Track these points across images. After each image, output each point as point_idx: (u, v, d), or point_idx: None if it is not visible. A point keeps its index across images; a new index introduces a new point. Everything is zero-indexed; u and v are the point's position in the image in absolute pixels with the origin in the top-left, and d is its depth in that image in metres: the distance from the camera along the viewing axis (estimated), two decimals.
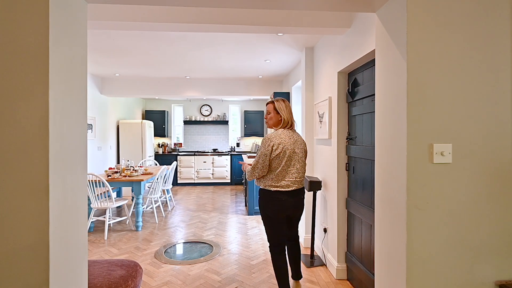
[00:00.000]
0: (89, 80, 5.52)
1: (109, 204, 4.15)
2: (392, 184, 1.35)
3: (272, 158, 2.27)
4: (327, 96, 3.12)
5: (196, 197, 6.81)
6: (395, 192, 1.33)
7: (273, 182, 2.29)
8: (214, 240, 4.00)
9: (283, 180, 2.28)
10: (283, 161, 2.26)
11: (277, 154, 2.25)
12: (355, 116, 2.71)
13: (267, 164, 2.28)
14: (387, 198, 1.40)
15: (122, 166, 4.91)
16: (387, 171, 1.40)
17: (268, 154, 2.26)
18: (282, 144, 2.26)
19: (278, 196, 2.28)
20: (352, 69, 2.76)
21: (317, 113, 3.51)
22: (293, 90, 5.14)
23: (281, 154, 2.26)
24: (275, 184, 2.28)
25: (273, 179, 2.29)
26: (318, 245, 3.46)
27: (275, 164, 2.27)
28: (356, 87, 2.66)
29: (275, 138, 2.28)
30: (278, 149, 2.25)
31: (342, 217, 2.91)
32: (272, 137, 2.29)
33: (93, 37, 3.47)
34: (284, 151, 2.26)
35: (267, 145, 2.26)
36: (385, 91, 1.42)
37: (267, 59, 4.42)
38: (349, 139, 2.82)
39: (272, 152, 2.25)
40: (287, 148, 2.27)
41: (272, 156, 2.26)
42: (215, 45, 3.75)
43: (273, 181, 2.29)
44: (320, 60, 3.45)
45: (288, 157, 2.27)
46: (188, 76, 5.71)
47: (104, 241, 3.97)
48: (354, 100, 2.70)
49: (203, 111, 9.05)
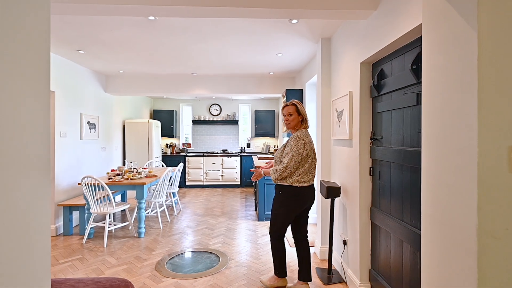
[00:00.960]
0: (92, 77, 5.29)
1: (109, 209, 3.88)
2: (453, 202, 0.99)
3: (303, 156, 2.45)
4: (347, 91, 2.75)
5: (204, 200, 6.51)
6: (457, 212, 0.97)
7: (299, 178, 2.46)
8: (221, 249, 3.67)
9: (306, 176, 2.49)
10: (309, 159, 2.49)
11: (307, 153, 2.46)
12: (381, 113, 2.34)
13: (299, 161, 2.45)
14: (443, 220, 1.04)
15: (125, 168, 4.65)
16: (443, 183, 1.03)
17: (301, 153, 2.44)
18: (309, 144, 2.49)
19: (303, 192, 2.48)
20: (378, 59, 2.39)
21: (335, 111, 3.14)
22: (307, 87, 4.77)
23: (309, 153, 2.48)
24: (301, 180, 2.46)
25: (299, 176, 2.46)
26: (337, 259, 3.09)
27: (304, 161, 2.47)
28: (383, 79, 2.29)
29: (306, 138, 2.48)
30: (307, 149, 2.46)
31: (365, 229, 2.54)
32: (303, 137, 2.48)
33: (91, 28, 3.20)
34: (311, 150, 2.49)
35: (300, 145, 2.44)
36: (440, 76, 1.05)
37: (279, 53, 4.07)
38: (374, 139, 2.44)
39: (304, 150, 2.44)
40: (312, 148, 2.51)
41: (303, 155, 2.45)
42: (222, 37, 3.43)
43: (299, 177, 2.46)
44: (339, 51, 3.08)
45: (312, 156, 2.51)
46: (195, 73, 5.42)
47: (103, 249, 3.70)
48: (380, 94, 2.33)
49: (212, 111, 8.77)
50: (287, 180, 2.46)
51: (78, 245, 3.86)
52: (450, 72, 1.00)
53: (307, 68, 4.66)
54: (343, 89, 2.91)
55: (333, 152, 3.28)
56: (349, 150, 2.76)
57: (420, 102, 1.78)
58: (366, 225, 2.53)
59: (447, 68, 1.02)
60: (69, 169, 4.57)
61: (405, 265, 1.99)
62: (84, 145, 4.99)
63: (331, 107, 3.28)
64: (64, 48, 3.92)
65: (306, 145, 2.44)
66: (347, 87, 2.82)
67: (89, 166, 5.15)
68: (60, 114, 4.35)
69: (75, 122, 4.75)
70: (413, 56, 1.83)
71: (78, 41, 3.60)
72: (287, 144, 2.53)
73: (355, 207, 2.63)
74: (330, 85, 3.36)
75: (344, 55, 2.91)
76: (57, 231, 4.27)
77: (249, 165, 7.95)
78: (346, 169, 2.86)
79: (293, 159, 2.41)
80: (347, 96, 2.74)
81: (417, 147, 1.84)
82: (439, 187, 1.05)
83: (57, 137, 4.29)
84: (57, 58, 4.27)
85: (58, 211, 4.33)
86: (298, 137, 2.46)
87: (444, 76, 1.03)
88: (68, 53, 4.13)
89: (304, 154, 2.43)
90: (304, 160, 2.45)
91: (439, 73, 1.06)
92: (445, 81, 1.02)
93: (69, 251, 3.66)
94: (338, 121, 3.01)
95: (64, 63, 4.44)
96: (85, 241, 3.92)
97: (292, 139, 2.47)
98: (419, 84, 1.79)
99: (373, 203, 2.50)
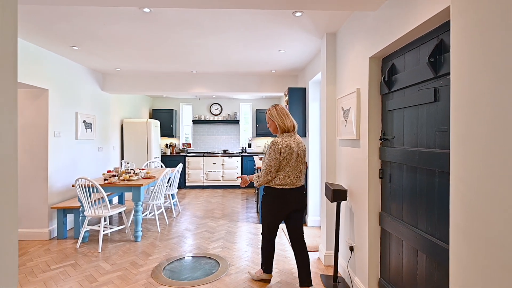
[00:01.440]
0: (89, 75, 5.14)
1: (104, 212, 3.72)
2: (494, 215, 0.82)
3: (281, 160, 2.46)
4: (354, 88, 2.59)
5: (205, 202, 6.35)
6: (500, 230, 0.80)
7: (280, 181, 2.48)
8: (221, 254, 3.51)
9: (289, 179, 2.48)
10: (290, 162, 2.47)
11: (285, 157, 2.45)
12: (392, 111, 2.17)
13: (278, 166, 2.47)
14: (479, 236, 0.88)
15: (122, 169, 4.49)
16: (479, 191, 0.87)
17: (278, 156, 2.45)
18: (288, 147, 2.46)
19: (284, 193, 2.49)
20: (388, 53, 2.22)
21: (340, 109, 2.98)
22: (310, 85, 4.61)
23: (288, 157, 2.46)
24: (281, 183, 2.48)
25: (280, 179, 2.48)
26: (343, 265, 2.93)
27: (283, 165, 2.47)
28: (394, 75, 2.13)
29: (282, 142, 2.47)
30: (285, 152, 2.45)
31: (374, 235, 2.37)
32: (279, 141, 2.48)
33: (84, 22, 3.05)
34: (290, 153, 2.47)
35: (276, 149, 2.45)
36: (475, 66, 0.89)
37: (282, 49, 3.91)
38: (384, 139, 2.28)
39: (281, 155, 2.45)
40: (293, 151, 2.48)
41: (281, 158, 2.45)
42: (222, 32, 3.27)
43: (280, 181, 2.48)
44: (345, 47, 2.91)
45: (295, 159, 2.49)
46: (195, 71, 5.26)
47: (97, 254, 3.54)
48: (391, 91, 2.17)
49: (213, 110, 8.61)
50: (269, 183, 2.53)
51: (72, 249, 3.71)
52: (487, 61, 0.83)
53: (311, 65, 4.50)
54: (350, 86, 2.75)
55: (339, 153, 3.12)
56: (357, 151, 2.59)
57: (438, 98, 1.61)
58: (375, 231, 2.37)
59: (483, 57, 0.85)
60: (64, 170, 4.42)
61: (420, 276, 1.83)
62: (79, 145, 4.84)
63: (336, 105, 3.12)
64: (57, 44, 3.76)
65: (283, 149, 2.44)
66: (354, 84, 2.66)
67: (85, 166, 5.00)
68: (54, 113, 4.20)
69: (70, 122, 4.60)
70: (430, 48, 1.67)
71: (71, 36, 3.45)
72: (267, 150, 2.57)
73: (363, 211, 2.46)
74: (336, 82, 3.20)
75: (351, 50, 2.74)
76: (50, 234, 4.12)
77: (251, 165, 7.79)
78: (353, 171, 2.69)
79: (271, 164, 2.45)
80: (354, 93, 2.58)
81: (434, 148, 1.67)
82: (472, 195, 0.88)
83: (51, 136, 4.14)
84: (50, 55, 4.11)
85: (51, 214, 4.17)
86: (274, 142, 2.48)
87: (481, 66, 0.86)
88: (62, 49, 3.98)
89: (282, 158, 2.45)
90: (283, 163, 2.46)
91: (472, 64, 0.89)
92: (481, 71, 0.86)
93: (62, 256, 3.51)
94: (345, 120, 2.84)
95: (58, 60, 4.29)
96: (79, 245, 3.77)
97: (270, 144, 2.51)
98: (437, 79, 1.62)
99: (382, 207, 2.33)
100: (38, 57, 3.90)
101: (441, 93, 1.60)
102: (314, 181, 4.58)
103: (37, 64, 3.88)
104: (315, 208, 4.58)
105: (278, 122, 2.54)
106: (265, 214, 2.60)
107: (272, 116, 2.57)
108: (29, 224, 4.09)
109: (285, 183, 2.47)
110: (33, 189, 4.09)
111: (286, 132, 2.55)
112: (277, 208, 2.52)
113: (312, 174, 4.58)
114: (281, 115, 2.55)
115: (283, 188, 2.47)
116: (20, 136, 4.07)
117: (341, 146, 3.04)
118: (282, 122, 2.54)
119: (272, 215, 2.56)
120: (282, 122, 2.54)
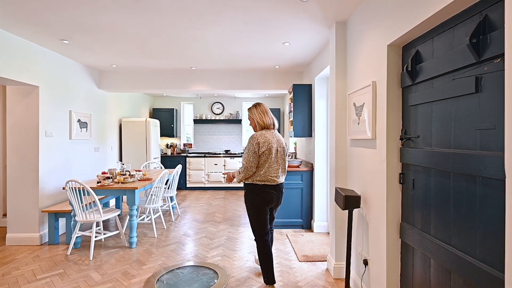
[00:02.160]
0: (84, 73, 4.89)
1: (96, 217, 3.46)
2: None
3: (260, 155, 2.51)
4: (369, 81, 2.29)
5: (205, 204, 6.08)
6: None
7: (261, 177, 2.53)
8: (220, 263, 3.23)
9: (269, 175, 2.54)
10: (270, 158, 2.53)
11: (263, 151, 2.51)
12: (417, 106, 1.88)
13: (257, 160, 2.51)
14: None
15: (117, 170, 4.23)
16: None
17: (257, 151, 2.50)
18: (267, 142, 2.52)
19: (266, 190, 2.55)
20: (411, 39, 1.92)
21: (352, 106, 2.68)
22: (316, 81, 4.31)
23: (267, 152, 2.51)
24: (262, 179, 2.53)
25: (261, 175, 2.53)
26: (355, 280, 2.64)
27: (262, 160, 2.53)
28: (419, 64, 1.83)
29: (260, 137, 2.53)
30: (264, 147, 2.50)
31: (394, 249, 2.08)
32: (257, 136, 2.54)
33: (71, 11, 2.79)
34: (269, 148, 2.52)
35: (254, 143, 2.50)
36: None
37: (287, 41, 3.62)
38: (406, 139, 1.98)
39: (260, 149, 2.50)
40: (272, 146, 2.54)
41: (260, 153, 2.51)
42: (221, 21, 2.99)
43: (261, 177, 2.53)
44: (358, 35, 2.62)
45: (274, 155, 2.55)
46: (194, 67, 4.98)
47: (88, 262, 3.28)
48: (415, 83, 1.87)
49: (215, 109, 8.34)
50: (250, 178, 2.56)
51: (62, 256, 3.45)
52: None
53: (317, 59, 4.20)
54: (364, 79, 2.46)
55: (350, 155, 2.82)
56: (372, 152, 2.30)
57: (481, 89, 1.32)
58: (395, 244, 2.07)
59: None
60: (56, 171, 4.17)
61: None
62: (74, 145, 4.59)
63: (347, 101, 2.83)
64: (46, 37, 3.51)
65: (261, 144, 2.50)
66: (369, 76, 2.36)
67: (80, 167, 4.75)
68: (45, 112, 3.95)
69: (64, 121, 4.35)
70: (471, 28, 1.37)
71: (60, 28, 3.19)
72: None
73: (380, 221, 2.17)
74: (346, 76, 2.90)
75: (365, 39, 2.45)
76: (41, 239, 3.88)
77: None
78: (367, 175, 2.40)
79: (250, 158, 2.50)
80: (369, 87, 2.28)
81: (474, 149, 1.38)
82: None
83: (42, 136, 3.89)
84: (40, 50, 3.86)
85: (42, 218, 3.93)
86: (252, 137, 2.55)
87: None
88: (52, 43, 3.73)
89: (260, 153, 2.50)
90: (262, 159, 2.52)
91: None
92: None
93: (51, 264, 3.26)
94: (357, 117, 2.55)
95: (49, 55, 4.04)
96: (70, 252, 3.51)
97: (248, 139, 2.56)
98: (481, 64, 1.33)
99: (403, 217, 2.03)
100: (28, 52, 3.66)
101: (485, 82, 1.30)
102: (320, 184, 4.29)
103: (26, 60, 3.64)
104: (321, 213, 4.28)
105: (257, 120, 2.63)
106: (252, 215, 2.60)
107: (252, 114, 2.67)
108: (19, 229, 3.85)
109: (266, 180, 2.53)
110: (23, 191, 3.84)
111: (266, 129, 2.63)
112: (260, 205, 2.56)
113: (318, 176, 4.28)
114: (260, 112, 2.65)
115: (264, 184, 2.53)
116: (9, 136, 3.83)
117: (352, 146, 2.75)
118: (261, 120, 2.63)
119: (258, 213, 2.57)
120: (260, 119, 2.63)
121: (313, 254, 3.42)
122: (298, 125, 4.52)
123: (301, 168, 4.40)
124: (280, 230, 4.35)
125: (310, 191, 4.41)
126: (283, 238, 4.04)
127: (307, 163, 4.70)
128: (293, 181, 4.37)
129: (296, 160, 4.56)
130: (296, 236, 4.08)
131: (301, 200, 4.40)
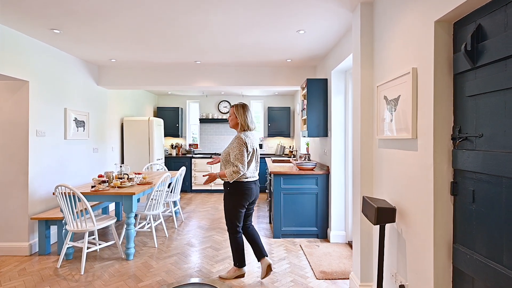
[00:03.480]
0: (82, 68, 4.56)
1: (89, 226, 3.11)
2: None
3: (248, 155, 2.71)
4: (407, 69, 1.88)
5: (212, 209, 5.71)
6: None
7: (247, 175, 2.74)
8: (226, 280, 2.84)
9: (253, 173, 2.79)
10: (254, 157, 2.77)
11: (250, 152, 2.72)
12: (477, 96, 1.46)
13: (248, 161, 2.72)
14: None
15: (114, 173, 3.88)
16: None
17: (246, 151, 2.68)
18: (251, 143, 2.74)
19: (250, 186, 2.76)
20: (468, 12, 1.51)
21: (382, 100, 2.27)
22: (333, 75, 3.89)
23: (251, 152, 2.73)
24: (247, 176, 2.74)
25: (247, 173, 2.73)
26: None
27: (248, 160, 2.73)
28: (482, 42, 1.41)
29: (247, 138, 2.73)
30: (250, 147, 2.72)
31: (443, 277, 1.66)
32: (245, 138, 2.71)
33: None
34: (253, 149, 2.76)
35: (244, 143, 2.67)
36: None
37: (301, 29, 3.21)
38: (462, 139, 1.56)
39: (247, 150, 2.69)
40: (254, 146, 2.79)
41: (248, 152, 2.71)
42: (225, 3, 2.60)
43: (248, 174, 2.74)
44: (389, 16, 2.20)
45: (256, 154, 2.79)
46: (199, 61, 4.61)
47: (79, 277, 2.93)
48: (477, 66, 1.45)
49: (221, 108, 7.97)
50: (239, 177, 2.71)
51: (51, 270, 3.11)
52: None
53: (335, 50, 3.78)
54: (400, 67, 2.04)
55: (377, 157, 2.41)
56: (412, 155, 1.88)
57: None
58: (445, 271, 1.65)
59: None
60: (49, 174, 3.83)
61: None
62: (69, 146, 4.26)
63: (375, 95, 2.41)
64: (35, 26, 3.17)
65: (248, 145, 2.70)
66: (407, 63, 1.94)
67: (76, 170, 4.41)
68: (36, 109, 3.62)
69: (58, 119, 4.02)
70: None
71: (47, 14, 2.85)
72: (231, 146, 2.74)
73: (423, 240, 1.75)
74: (373, 66, 2.49)
75: (401, 19, 2.03)
76: (31, 249, 3.54)
77: (262, 168, 7.09)
78: (403, 182, 1.98)
79: (243, 158, 2.65)
80: (408, 75, 1.87)
81: None
82: None
83: (32, 136, 3.56)
84: (30, 41, 3.53)
85: (32, 225, 3.59)
86: (240, 138, 2.69)
87: None
88: (42, 33, 3.39)
89: (249, 152, 2.71)
90: (248, 158, 2.72)
91: None
92: None
93: (37, 279, 2.91)
94: (390, 113, 2.13)
95: (41, 47, 3.71)
96: (60, 264, 3.16)
97: (236, 140, 2.71)
98: None
99: (457, 238, 1.61)
100: (16, 43, 3.33)
101: None
102: (337, 190, 3.86)
103: (14, 52, 3.31)
104: (339, 221, 3.86)
105: (242, 121, 2.77)
106: (232, 209, 2.76)
107: (238, 114, 2.78)
108: (6, 237, 3.53)
109: (251, 176, 2.76)
110: (11, 196, 3.52)
111: (248, 130, 2.80)
112: (244, 201, 2.75)
113: (335, 181, 3.86)
114: (247, 115, 2.79)
115: (249, 181, 2.75)
116: None
117: (382, 148, 2.33)
118: (245, 122, 2.78)
119: (240, 208, 2.75)
120: (245, 122, 2.78)
121: (332, 270, 3.01)
122: (313, 123, 4.11)
123: (316, 172, 3.98)
124: (293, 240, 3.94)
125: (325, 196, 3.99)
126: (297, 249, 3.63)
127: (322, 166, 4.28)
128: (307, 185, 3.95)
129: (310, 163, 4.13)
130: (311, 247, 3.66)
131: (316, 206, 3.98)
